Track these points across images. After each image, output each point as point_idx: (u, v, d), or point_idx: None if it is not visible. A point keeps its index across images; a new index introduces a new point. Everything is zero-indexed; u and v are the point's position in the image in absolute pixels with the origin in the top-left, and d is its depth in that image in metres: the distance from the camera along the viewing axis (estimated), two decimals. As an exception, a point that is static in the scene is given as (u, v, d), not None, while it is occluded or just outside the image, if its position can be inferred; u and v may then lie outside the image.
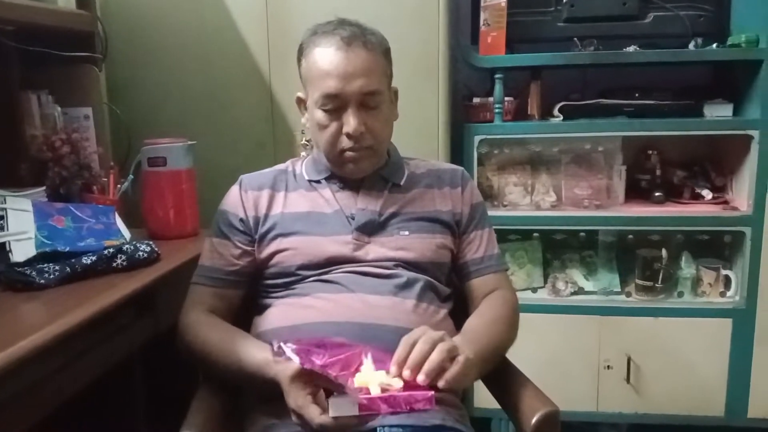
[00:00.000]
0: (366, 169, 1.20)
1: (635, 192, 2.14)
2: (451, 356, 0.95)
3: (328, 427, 0.87)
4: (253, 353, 1.03)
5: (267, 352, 1.00)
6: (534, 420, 1.02)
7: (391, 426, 0.98)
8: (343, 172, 1.20)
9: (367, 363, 0.92)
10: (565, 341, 2.05)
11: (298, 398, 0.90)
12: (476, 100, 2.09)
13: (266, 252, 1.18)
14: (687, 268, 2.09)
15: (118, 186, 1.59)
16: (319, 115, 1.14)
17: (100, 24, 1.63)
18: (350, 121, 1.12)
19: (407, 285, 1.14)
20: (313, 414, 0.88)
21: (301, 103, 1.23)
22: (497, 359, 1.15)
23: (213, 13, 1.88)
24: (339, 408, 0.87)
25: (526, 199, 2.10)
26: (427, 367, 0.92)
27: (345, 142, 1.14)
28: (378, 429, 0.98)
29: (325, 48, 1.12)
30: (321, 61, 1.12)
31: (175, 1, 1.89)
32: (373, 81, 1.12)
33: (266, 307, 1.18)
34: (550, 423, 1.03)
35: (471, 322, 1.16)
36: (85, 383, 1.11)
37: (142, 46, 1.91)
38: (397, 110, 1.24)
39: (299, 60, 1.19)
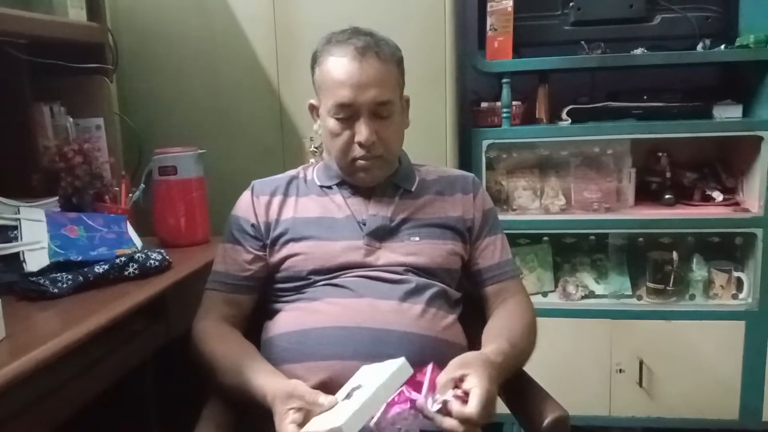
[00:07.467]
0: (377, 178, 1.21)
1: (645, 194, 2.13)
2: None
3: None
4: (259, 377, 1.03)
5: (270, 375, 1.02)
6: (543, 425, 1.02)
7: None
8: (355, 180, 1.21)
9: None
10: (576, 345, 2.05)
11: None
12: (484, 104, 2.10)
13: (278, 256, 1.19)
14: (698, 271, 2.08)
15: (130, 195, 1.60)
16: (332, 123, 1.15)
17: (111, 36, 1.65)
18: (362, 131, 1.13)
19: (416, 290, 1.14)
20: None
21: (313, 109, 1.24)
22: (517, 370, 1.14)
23: (221, 23, 1.89)
24: None
25: (535, 202, 2.10)
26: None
27: (357, 151, 1.15)
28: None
29: (339, 57, 1.13)
30: (335, 70, 1.13)
31: (183, 12, 1.91)
32: (386, 91, 1.14)
33: (277, 311, 1.19)
34: (560, 428, 1.03)
35: (498, 332, 1.14)
36: (98, 390, 1.12)
37: (152, 56, 1.93)
38: (409, 118, 1.25)
39: (313, 67, 1.20)
